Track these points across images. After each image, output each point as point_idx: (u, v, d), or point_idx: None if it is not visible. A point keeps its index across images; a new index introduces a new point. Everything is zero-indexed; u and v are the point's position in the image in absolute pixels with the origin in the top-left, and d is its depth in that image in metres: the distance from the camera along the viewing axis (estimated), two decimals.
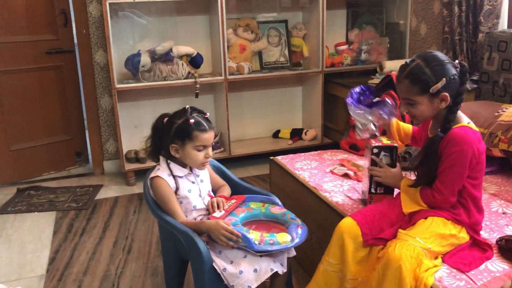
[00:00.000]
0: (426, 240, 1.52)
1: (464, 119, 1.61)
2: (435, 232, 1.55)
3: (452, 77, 1.55)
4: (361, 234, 1.63)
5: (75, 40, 3.62)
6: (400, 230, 1.59)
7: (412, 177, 1.75)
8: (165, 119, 1.79)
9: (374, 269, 1.55)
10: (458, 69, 1.57)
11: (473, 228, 1.63)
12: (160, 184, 1.75)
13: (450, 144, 1.54)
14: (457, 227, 1.59)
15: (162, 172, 1.78)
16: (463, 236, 1.60)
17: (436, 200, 1.60)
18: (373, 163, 1.84)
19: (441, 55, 1.58)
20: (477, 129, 1.62)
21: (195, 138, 1.73)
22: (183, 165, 1.82)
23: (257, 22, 3.78)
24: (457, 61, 1.59)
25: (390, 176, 1.79)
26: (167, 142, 1.76)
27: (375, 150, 1.82)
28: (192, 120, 1.72)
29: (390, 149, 1.82)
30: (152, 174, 1.79)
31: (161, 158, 1.82)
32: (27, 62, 3.49)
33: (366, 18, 4.09)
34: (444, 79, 1.53)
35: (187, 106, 1.79)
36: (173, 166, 1.79)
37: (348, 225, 1.66)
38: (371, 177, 1.85)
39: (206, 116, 1.79)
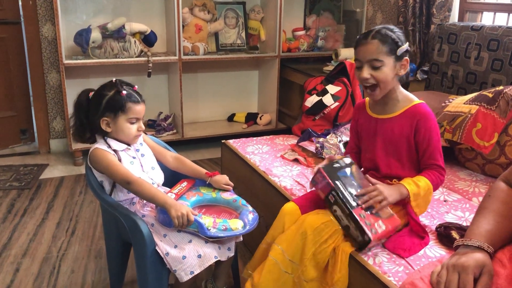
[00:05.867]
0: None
1: (415, 97, 1.66)
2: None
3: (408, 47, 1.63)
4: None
5: (21, 12, 3.43)
6: None
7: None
8: (90, 93, 1.72)
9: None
10: None
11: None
12: (101, 153, 1.68)
13: (424, 120, 1.59)
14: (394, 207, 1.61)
15: (100, 145, 1.71)
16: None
17: (443, 177, 1.64)
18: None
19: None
20: None
21: (128, 110, 1.67)
22: (119, 141, 1.77)
23: (214, 3, 3.71)
24: None
25: (392, 190, 1.55)
26: (97, 116, 1.69)
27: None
28: (124, 92, 1.67)
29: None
30: (91, 149, 1.73)
31: (97, 136, 1.75)
32: None
33: (324, 4, 4.09)
34: (407, 42, 1.59)
35: (114, 79, 1.73)
36: (111, 141, 1.72)
37: (290, 209, 1.66)
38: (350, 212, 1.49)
39: (135, 89, 1.74)
